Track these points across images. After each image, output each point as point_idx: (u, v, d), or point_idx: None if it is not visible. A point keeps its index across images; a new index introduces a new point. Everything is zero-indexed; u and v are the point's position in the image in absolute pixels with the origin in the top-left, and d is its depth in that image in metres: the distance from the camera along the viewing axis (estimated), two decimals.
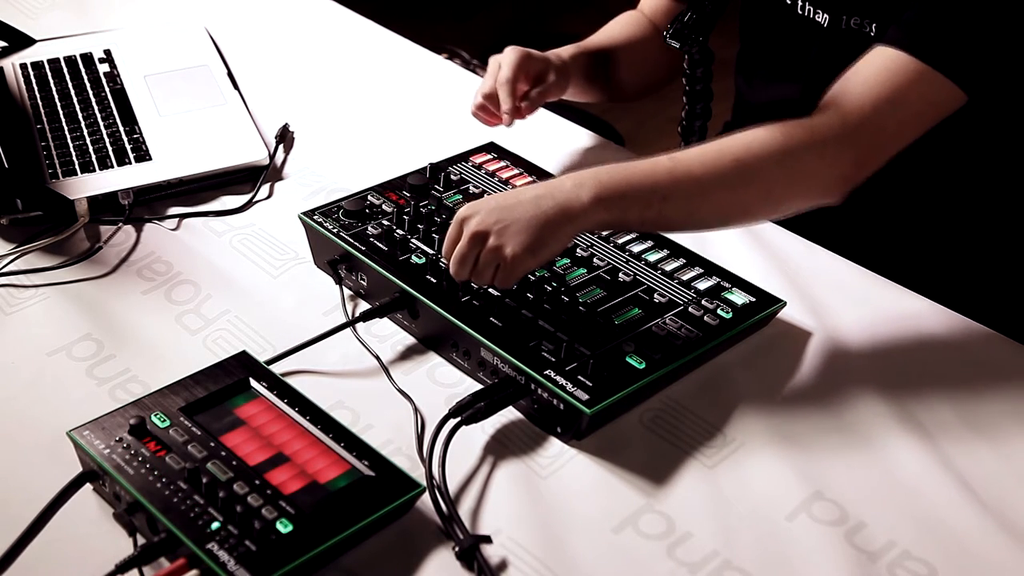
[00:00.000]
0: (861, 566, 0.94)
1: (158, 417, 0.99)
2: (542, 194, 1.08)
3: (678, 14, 1.29)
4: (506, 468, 1.03)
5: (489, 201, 1.09)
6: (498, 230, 1.06)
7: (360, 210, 1.22)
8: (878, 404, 1.09)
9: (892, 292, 1.23)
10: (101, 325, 1.18)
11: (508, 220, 1.06)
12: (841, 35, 1.26)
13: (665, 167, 1.10)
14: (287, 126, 1.48)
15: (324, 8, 1.78)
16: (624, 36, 1.45)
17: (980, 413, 1.08)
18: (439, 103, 1.56)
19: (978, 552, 0.96)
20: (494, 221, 1.06)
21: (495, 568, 0.93)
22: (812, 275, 1.24)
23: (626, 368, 1.05)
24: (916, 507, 0.99)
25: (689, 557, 0.95)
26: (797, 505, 0.99)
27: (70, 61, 1.57)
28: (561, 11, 3.47)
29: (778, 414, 1.08)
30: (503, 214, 1.06)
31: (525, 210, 1.06)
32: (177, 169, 1.38)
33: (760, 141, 1.12)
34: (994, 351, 1.16)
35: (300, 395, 1.03)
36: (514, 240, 1.05)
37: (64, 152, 1.40)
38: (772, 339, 1.16)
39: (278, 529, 0.90)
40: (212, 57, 1.60)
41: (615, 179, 1.08)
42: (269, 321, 1.18)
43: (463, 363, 1.12)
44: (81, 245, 1.29)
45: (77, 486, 0.95)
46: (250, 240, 1.30)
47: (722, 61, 1.35)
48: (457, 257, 1.07)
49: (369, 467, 0.96)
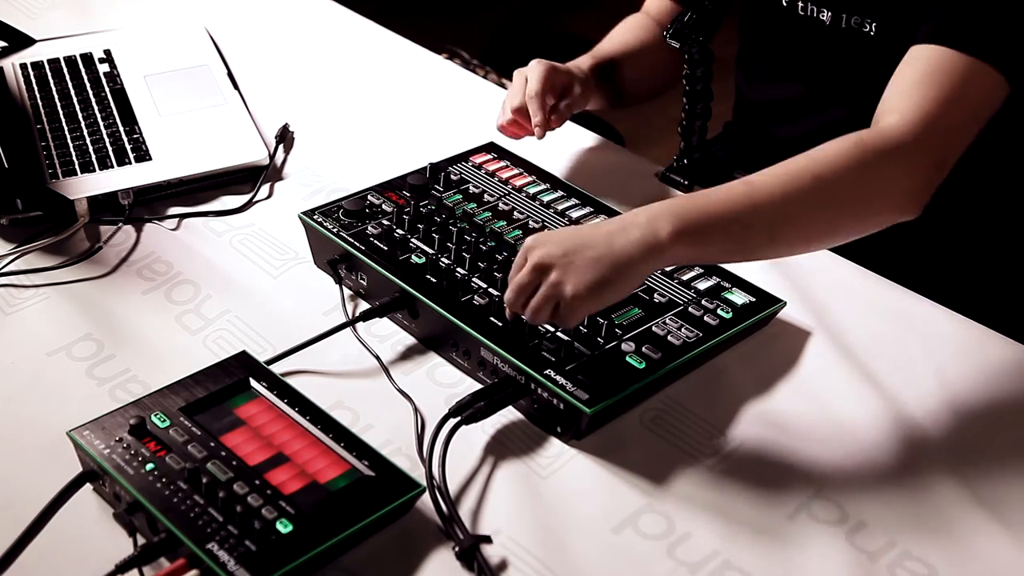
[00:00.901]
0: (861, 566, 0.94)
1: (158, 417, 0.99)
2: (615, 230, 1.01)
3: (678, 14, 1.29)
4: (506, 468, 1.03)
5: (561, 233, 1.03)
6: (563, 264, 1.00)
7: (360, 210, 1.22)
8: (878, 404, 1.09)
9: (892, 292, 1.23)
10: (101, 325, 1.18)
11: (575, 256, 1.00)
12: (841, 34, 1.26)
13: (742, 193, 1.05)
14: (287, 126, 1.47)
15: (324, 8, 1.78)
16: (634, 42, 1.45)
17: (980, 413, 1.08)
18: (439, 103, 1.56)
19: (978, 552, 0.96)
20: (561, 254, 1.01)
21: (495, 568, 0.94)
22: (812, 275, 1.24)
23: (626, 368, 1.05)
24: (916, 507, 0.99)
25: (689, 557, 0.95)
26: (797, 505, 0.99)
27: (70, 61, 1.57)
28: (561, 11, 3.47)
29: (778, 414, 1.08)
30: (572, 249, 1.01)
31: (596, 247, 1.00)
32: (177, 169, 1.38)
33: (836, 157, 1.08)
34: (994, 351, 1.16)
35: (300, 395, 1.03)
36: (576, 278, 0.99)
37: (64, 152, 1.40)
38: (772, 339, 1.16)
39: (278, 529, 0.90)
40: (212, 57, 1.60)
41: (693, 211, 1.03)
42: (269, 321, 1.18)
43: (463, 363, 1.12)
44: (81, 245, 1.29)
45: (77, 486, 0.95)
46: (250, 240, 1.30)
47: (722, 61, 1.35)
48: (515, 286, 1.02)
49: (369, 467, 0.96)
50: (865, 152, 1.08)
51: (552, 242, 1.02)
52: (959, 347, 1.16)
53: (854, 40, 1.21)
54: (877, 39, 1.25)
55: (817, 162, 1.08)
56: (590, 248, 1.01)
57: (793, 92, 1.37)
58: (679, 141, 1.39)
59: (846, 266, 1.26)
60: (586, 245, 1.01)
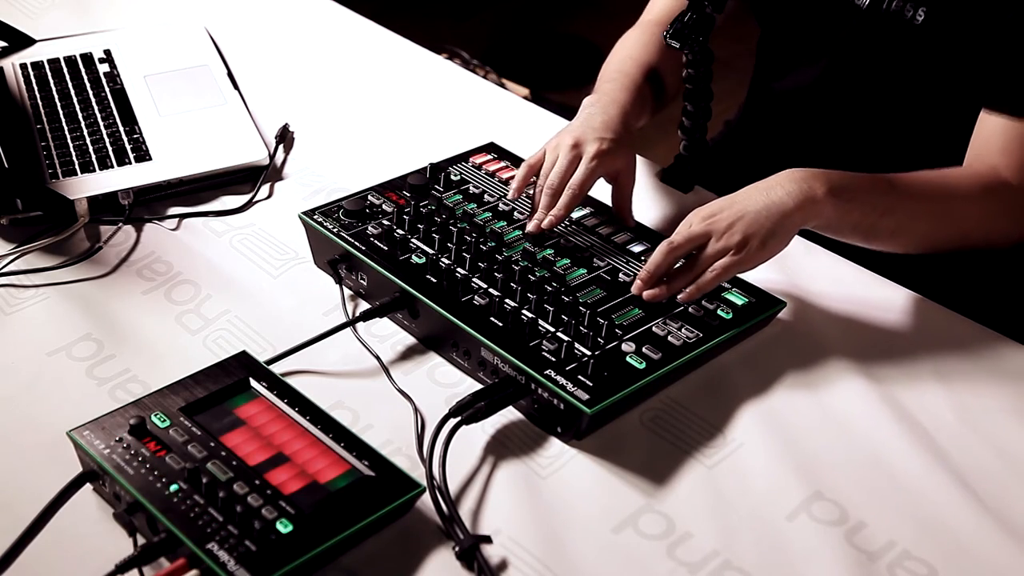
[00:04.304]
0: (861, 566, 0.94)
1: (158, 417, 0.99)
2: (771, 186, 1.11)
3: (679, 14, 1.29)
4: (506, 468, 1.03)
5: (717, 201, 1.13)
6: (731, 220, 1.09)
7: (360, 210, 1.22)
8: (878, 404, 1.09)
9: (892, 292, 1.23)
10: (101, 325, 1.18)
11: (742, 209, 1.10)
12: (880, 17, 1.25)
13: (887, 182, 1.15)
14: (287, 126, 1.48)
15: (324, 8, 1.78)
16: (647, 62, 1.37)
17: (980, 413, 1.08)
18: (439, 103, 1.56)
19: (978, 552, 0.96)
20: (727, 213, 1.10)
21: (495, 568, 0.94)
22: (812, 275, 1.24)
23: (626, 368, 1.05)
24: (916, 507, 0.99)
25: (689, 557, 0.95)
26: (797, 505, 0.99)
27: (70, 61, 1.57)
28: (561, 11, 3.47)
29: (778, 414, 1.08)
30: (735, 206, 1.10)
31: (757, 199, 1.10)
32: (177, 169, 1.38)
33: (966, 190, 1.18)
34: (994, 351, 1.16)
35: (300, 395, 1.03)
36: (746, 227, 1.08)
37: (64, 152, 1.40)
38: (772, 339, 1.16)
39: (278, 529, 0.90)
40: (212, 57, 1.60)
41: (844, 179, 1.12)
42: (269, 321, 1.18)
43: (463, 363, 1.12)
44: (81, 245, 1.29)
45: (77, 486, 0.95)
46: (250, 240, 1.30)
47: (722, 61, 1.35)
48: (687, 235, 1.11)
49: (369, 467, 0.96)
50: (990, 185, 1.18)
51: (714, 206, 1.12)
52: (959, 347, 1.16)
53: (893, 24, 1.20)
54: (924, 28, 1.23)
55: (950, 185, 1.18)
56: (752, 204, 1.10)
57: (817, 79, 1.35)
58: (679, 141, 1.39)
59: (846, 266, 1.27)
60: (747, 203, 1.10)
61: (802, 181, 1.11)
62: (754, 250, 1.09)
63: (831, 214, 1.11)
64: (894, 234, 1.17)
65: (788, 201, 1.09)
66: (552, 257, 1.18)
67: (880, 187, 1.15)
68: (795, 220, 1.10)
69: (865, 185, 1.14)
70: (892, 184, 1.15)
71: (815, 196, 1.09)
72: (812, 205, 1.10)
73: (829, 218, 1.11)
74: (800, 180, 1.11)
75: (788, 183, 1.11)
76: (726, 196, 1.14)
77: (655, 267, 1.11)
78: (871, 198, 1.13)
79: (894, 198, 1.15)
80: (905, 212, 1.15)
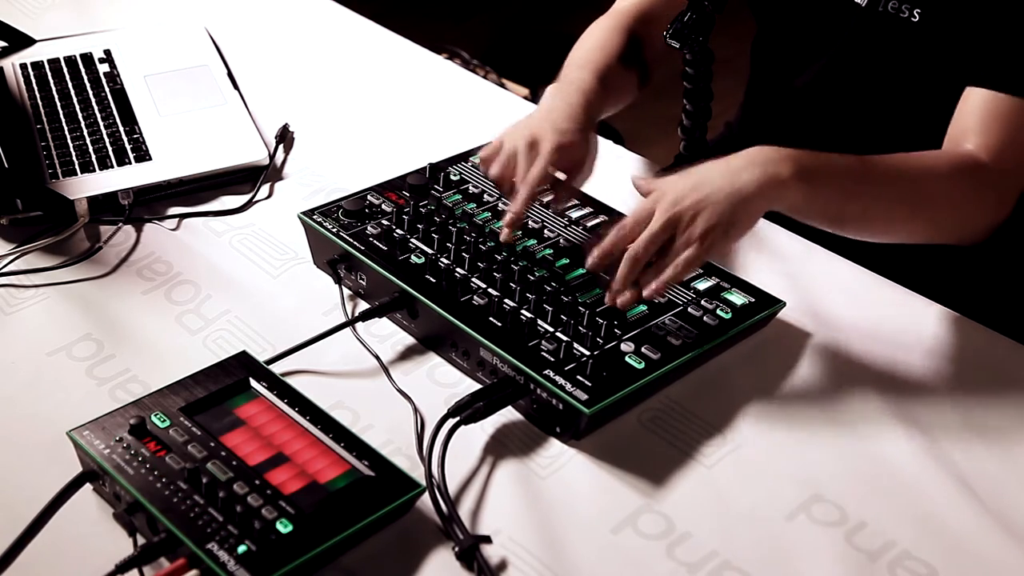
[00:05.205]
0: (861, 566, 0.94)
1: (158, 417, 0.99)
2: (738, 167, 1.06)
3: (678, 14, 1.29)
4: (506, 468, 1.03)
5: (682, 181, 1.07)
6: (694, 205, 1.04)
7: (360, 210, 1.22)
8: (878, 404, 1.09)
9: (892, 292, 1.23)
10: (101, 325, 1.18)
11: (704, 196, 1.05)
12: (878, 18, 1.25)
13: (860, 165, 1.12)
14: (287, 126, 1.48)
15: (324, 8, 1.78)
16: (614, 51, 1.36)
17: (980, 413, 1.08)
18: (439, 103, 1.56)
19: (978, 552, 0.96)
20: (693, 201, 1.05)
21: (495, 568, 0.94)
22: (812, 275, 1.24)
23: (625, 368, 1.05)
24: (916, 507, 0.99)
25: (689, 557, 0.95)
26: (797, 505, 0.99)
27: (70, 61, 1.57)
28: (561, 11, 3.47)
29: (778, 414, 1.08)
30: (698, 190, 1.05)
31: (720, 184, 1.05)
32: (177, 169, 1.38)
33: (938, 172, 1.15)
34: (994, 351, 1.16)
35: (300, 395, 1.03)
36: (709, 216, 1.04)
37: (64, 152, 1.40)
38: (772, 339, 1.16)
39: (278, 529, 0.90)
40: (212, 57, 1.60)
41: (811, 157, 1.08)
42: (269, 321, 1.18)
43: (462, 363, 1.12)
44: (81, 245, 1.29)
45: (77, 486, 0.95)
46: (250, 240, 1.30)
47: (722, 61, 1.35)
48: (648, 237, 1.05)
49: (369, 467, 0.96)
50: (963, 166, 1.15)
51: (677, 189, 1.06)
52: (959, 347, 1.16)
53: (890, 25, 1.20)
54: (920, 27, 1.23)
55: (923, 167, 1.14)
56: (715, 192, 1.05)
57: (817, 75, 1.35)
58: (679, 141, 1.39)
59: (846, 266, 1.27)
60: (710, 188, 1.05)
61: (768, 163, 1.06)
62: (717, 241, 1.06)
63: (796, 198, 1.07)
64: (861, 219, 1.14)
65: (752, 187, 1.05)
66: (551, 257, 1.18)
67: (852, 171, 1.11)
68: (759, 205, 1.07)
69: (836, 169, 1.10)
70: (864, 166, 1.12)
71: (780, 179, 1.06)
72: (776, 189, 1.06)
73: (794, 202, 1.08)
74: (766, 162, 1.06)
75: (752, 166, 1.06)
76: (691, 172, 1.09)
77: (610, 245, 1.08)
78: (840, 181, 1.10)
79: (864, 184, 1.11)
80: (872, 196, 1.12)
